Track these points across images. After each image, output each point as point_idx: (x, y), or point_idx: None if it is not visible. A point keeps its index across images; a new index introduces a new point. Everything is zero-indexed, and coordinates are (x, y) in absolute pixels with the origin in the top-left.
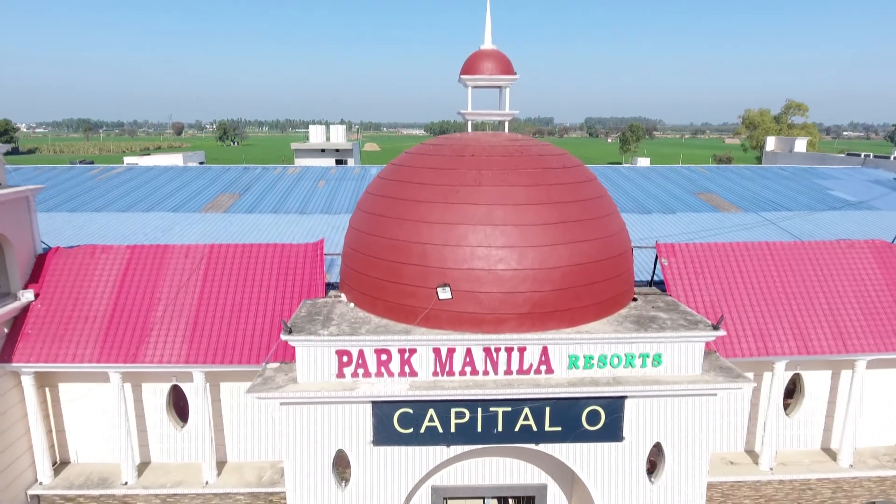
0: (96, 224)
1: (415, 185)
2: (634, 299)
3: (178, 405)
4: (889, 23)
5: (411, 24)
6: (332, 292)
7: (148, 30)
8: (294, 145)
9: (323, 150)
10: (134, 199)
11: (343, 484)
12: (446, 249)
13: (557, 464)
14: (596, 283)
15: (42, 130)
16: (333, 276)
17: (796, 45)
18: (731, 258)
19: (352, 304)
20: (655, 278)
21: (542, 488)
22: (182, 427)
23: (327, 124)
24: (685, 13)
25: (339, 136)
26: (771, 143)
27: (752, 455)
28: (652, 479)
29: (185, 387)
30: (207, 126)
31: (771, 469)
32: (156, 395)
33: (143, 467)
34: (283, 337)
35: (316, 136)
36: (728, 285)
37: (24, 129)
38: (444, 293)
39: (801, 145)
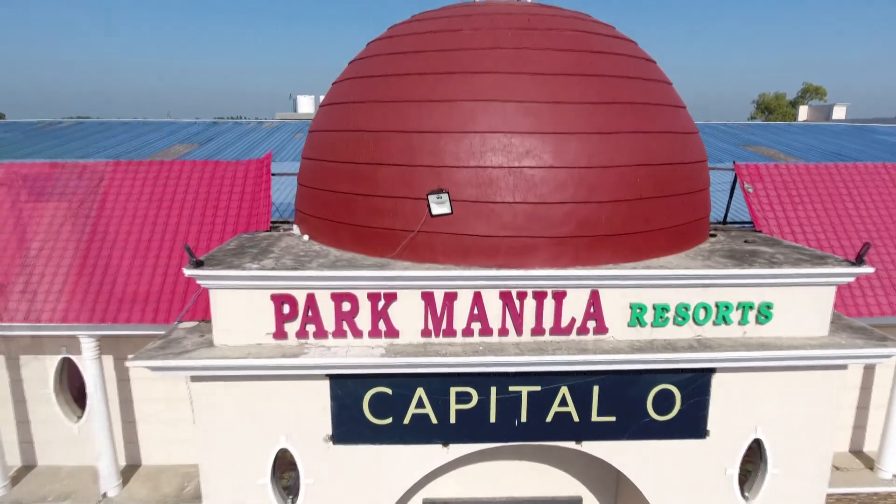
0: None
1: (398, 55)
2: (713, 234)
3: (80, 388)
4: (891, 21)
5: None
6: (283, 227)
7: (145, 27)
8: (280, 115)
9: None
10: (71, 148)
11: (290, 500)
12: (443, 139)
13: (598, 468)
14: (671, 197)
15: None
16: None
17: (796, 42)
18: (838, 184)
19: (306, 237)
20: (729, 218)
21: (575, 503)
22: (78, 418)
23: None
24: (683, 10)
25: None
26: (804, 112)
27: (862, 457)
28: (746, 495)
29: (78, 360)
30: None
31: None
32: (40, 373)
33: (24, 472)
34: (188, 272)
35: (305, 106)
36: (839, 219)
37: None
38: (440, 206)
39: (839, 112)
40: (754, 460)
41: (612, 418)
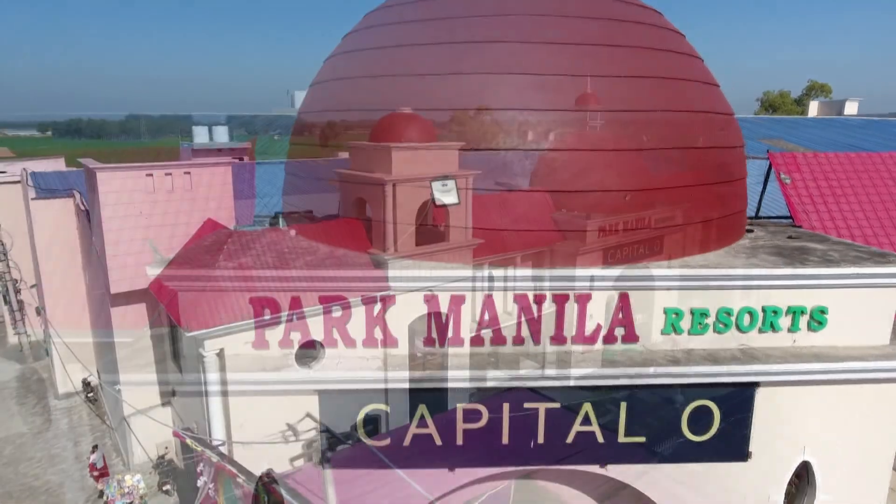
0: None
1: (398, 25)
2: (749, 230)
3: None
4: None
5: None
6: (269, 221)
7: (144, 25)
8: (277, 111)
9: None
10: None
11: None
12: (448, 117)
13: (616, 488)
14: (710, 186)
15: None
16: None
17: (798, 41)
18: (883, 175)
19: (293, 232)
20: (761, 212)
21: None
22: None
23: None
24: (683, 8)
25: None
26: (814, 108)
27: None
28: None
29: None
30: None
31: None
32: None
33: None
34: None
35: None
36: (886, 213)
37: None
38: (446, 195)
39: (851, 108)
40: (799, 483)
41: (642, 439)
